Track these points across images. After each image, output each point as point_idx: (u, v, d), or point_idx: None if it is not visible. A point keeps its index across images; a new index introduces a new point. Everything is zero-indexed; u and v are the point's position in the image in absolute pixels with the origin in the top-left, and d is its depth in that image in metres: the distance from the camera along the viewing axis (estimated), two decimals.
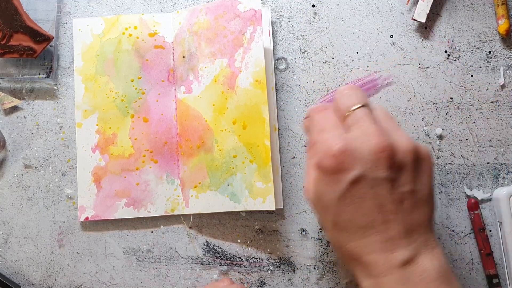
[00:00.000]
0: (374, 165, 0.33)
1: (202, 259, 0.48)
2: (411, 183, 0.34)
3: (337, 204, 0.34)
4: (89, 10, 0.51)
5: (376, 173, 0.33)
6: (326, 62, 0.49)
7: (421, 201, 0.34)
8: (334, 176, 0.33)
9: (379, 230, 0.33)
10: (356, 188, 0.33)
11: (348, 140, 0.34)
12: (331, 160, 0.33)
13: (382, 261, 0.33)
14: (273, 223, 0.48)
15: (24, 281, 0.48)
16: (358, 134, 0.34)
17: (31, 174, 0.49)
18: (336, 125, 0.36)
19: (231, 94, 0.46)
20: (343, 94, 0.37)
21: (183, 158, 0.47)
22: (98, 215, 0.47)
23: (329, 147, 0.34)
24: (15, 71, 0.49)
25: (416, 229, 0.34)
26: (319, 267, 0.47)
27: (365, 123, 0.34)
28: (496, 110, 0.48)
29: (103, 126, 0.48)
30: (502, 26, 0.47)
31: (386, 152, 0.33)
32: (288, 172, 0.48)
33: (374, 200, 0.33)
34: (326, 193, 0.34)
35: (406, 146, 0.34)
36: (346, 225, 0.34)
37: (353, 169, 0.33)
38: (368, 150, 0.33)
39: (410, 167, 0.34)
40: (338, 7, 0.50)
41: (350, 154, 0.33)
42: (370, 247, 0.33)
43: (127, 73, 0.49)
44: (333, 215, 0.34)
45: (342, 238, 0.35)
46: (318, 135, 0.36)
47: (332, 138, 0.34)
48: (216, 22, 0.47)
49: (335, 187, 0.34)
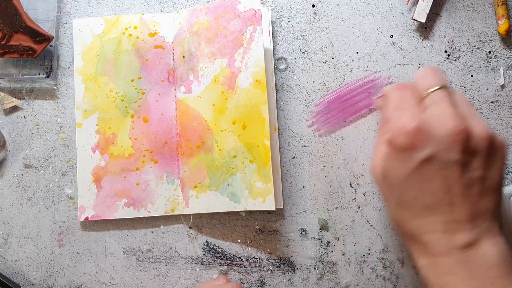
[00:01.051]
0: (448, 147, 0.33)
1: (202, 259, 0.48)
2: (482, 169, 0.34)
3: (405, 181, 0.34)
4: (89, 10, 0.51)
5: (449, 155, 0.33)
6: (326, 62, 0.49)
7: (489, 188, 0.34)
8: (405, 153, 0.34)
9: (444, 211, 0.33)
10: (426, 168, 0.33)
11: (424, 120, 0.34)
12: (404, 137, 0.34)
13: (443, 242, 0.33)
14: (273, 223, 0.48)
15: (24, 281, 0.48)
16: (434, 115, 0.34)
17: (31, 174, 0.49)
18: (413, 104, 0.36)
19: (231, 94, 0.46)
20: (423, 74, 0.37)
21: (183, 158, 0.47)
22: (98, 215, 0.47)
23: (404, 125, 0.34)
24: (15, 71, 0.49)
25: (481, 215, 0.34)
26: (319, 267, 0.47)
27: (443, 105, 0.34)
28: (496, 110, 0.48)
29: (103, 126, 0.48)
30: (502, 26, 0.47)
31: (461, 136, 0.33)
32: (288, 172, 0.48)
33: (443, 181, 0.33)
34: (395, 170, 0.35)
35: (482, 132, 0.34)
36: (411, 203, 0.34)
37: (425, 148, 0.33)
38: (444, 131, 0.33)
39: (483, 153, 0.34)
40: (338, 7, 0.50)
41: (424, 133, 0.33)
42: (432, 227, 0.34)
43: (127, 73, 0.49)
44: (399, 192, 0.35)
45: (405, 215, 0.35)
46: (393, 112, 0.36)
47: (408, 116, 0.34)
48: (216, 22, 0.47)
49: (405, 165, 0.34)
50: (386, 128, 0.36)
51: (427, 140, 0.33)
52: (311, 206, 0.48)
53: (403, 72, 0.48)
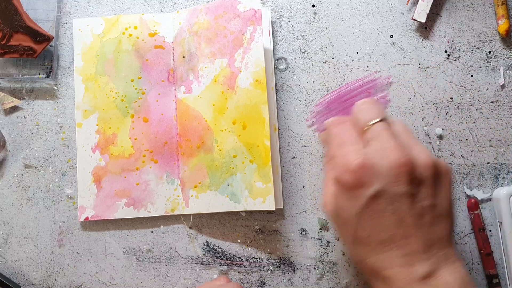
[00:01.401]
0: (394, 180, 0.33)
1: (202, 259, 0.48)
2: (431, 197, 0.34)
3: (357, 219, 0.34)
4: (89, 10, 0.51)
5: (396, 188, 0.33)
6: (326, 62, 0.49)
7: (440, 215, 0.34)
8: (353, 191, 0.34)
9: (399, 244, 0.33)
10: (376, 203, 0.33)
11: (367, 155, 0.34)
12: (350, 175, 0.33)
13: (403, 275, 0.33)
14: (273, 223, 0.48)
15: (24, 281, 0.48)
16: (377, 149, 0.34)
17: (31, 174, 0.49)
18: (354, 139, 0.36)
19: (231, 94, 0.46)
20: (361, 108, 0.37)
21: (183, 158, 0.47)
22: (98, 215, 0.47)
23: (348, 162, 0.34)
24: (15, 71, 0.49)
25: (436, 243, 0.34)
26: (319, 267, 0.47)
27: (384, 138, 0.34)
28: (496, 110, 0.48)
29: (103, 126, 0.48)
30: (502, 26, 0.47)
31: (405, 167, 0.33)
32: (288, 172, 0.48)
33: (394, 215, 0.33)
34: (345, 208, 0.34)
35: (426, 161, 0.34)
36: (366, 240, 0.34)
37: (372, 184, 0.33)
38: (388, 165, 0.33)
39: (429, 181, 0.34)
40: (338, 7, 0.50)
41: (369, 169, 0.33)
42: (390, 262, 0.33)
43: (127, 73, 0.49)
44: (353, 230, 0.34)
45: (362, 252, 0.35)
46: (337, 149, 0.36)
47: (351, 153, 0.34)
48: (216, 22, 0.47)
49: (355, 202, 0.34)
50: (332, 165, 0.36)
51: (373, 175, 0.33)
52: (311, 206, 0.48)
53: (403, 72, 0.48)
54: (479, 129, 0.48)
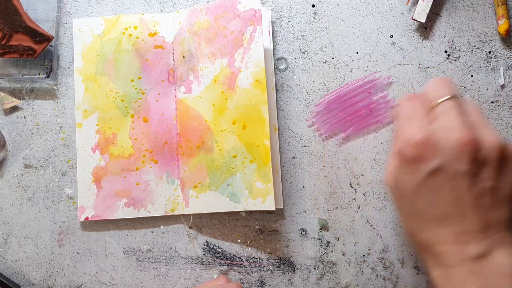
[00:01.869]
0: (455, 158, 0.33)
1: (202, 259, 0.48)
2: (493, 179, 0.33)
3: (414, 192, 0.34)
4: (89, 10, 0.51)
5: (457, 166, 0.33)
6: (326, 62, 0.49)
7: (501, 199, 0.34)
8: (413, 165, 0.34)
9: (455, 222, 0.33)
10: (434, 179, 0.33)
11: (431, 131, 0.34)
12: (411, 149, 0.34)
13: (454, 252, 0.33)
14: (273, 223, 0.48)
15: (24, 281, 0.48)
16: (442, 126, 0.34)
17: (31, 174, 0.49)
18: (422, 115, 0.36)
19: (231, 94, 0.46)
20: (433, 85, 0.37)
21: (183, 158, 0.47)
22: (98, 215, 0.47)
23: (411, 136, 0.34)
24: (15, 71, 0.49)
25: (493, 225, 0.33)
26: (319, 267, 0.47)
27: (452, 115, 0.34)
28: (496, 110, 0.48)
29: (103, 126, 0.48)
30: (502, 26, 0.47)
31: (469, 146, 0.33)
32: (288, 172, 0.48)
33: (452, 193, 0.33)
34: (404, 181, 0.35)
35: (492, 143, 0.34)
36: (421, 214, 0.34)
37: (433, 159, 0.33)
38: (451, 142, 0.33)
39: (494, 164, 0.33)
40: (338, 7, 0.50)
41: (431, 145, 0.33)
42: (443, 238, 0.33)
43: (127, 73, 0.49)
44: (409, 203, 0.35)
45: (416, 226, 0.35)
46: (403, 123, 0.36)
47: (416, 127, 0.34)
48: (216, 22, 0.47)
49: (413, 176, 0.34)
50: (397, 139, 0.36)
51: (434, 151, 0.33)
52: (311, 206, 0.48)
53: (403, 72, 0.48)
54: None
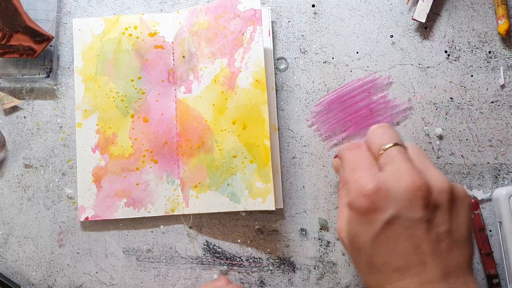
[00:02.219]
0: (409, 204, 0.32)
1: (202, 259, 0.48)
2: (447, 223, 0.33)
3: (371, 245, 0.33)
4: (89, 10, 0.51)
5: (411, 213, 0.32)
6: (326, 62, 0.49)
7: (458, 242, 0.33)
8: (367, 216, 0.33)
9: (416, 272, 0.32)
10: (391, 229, 0.32)
11: (381, 180, 0.33)
12: (364, 200, 0.33)
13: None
14: (273, 223, 0.48)
15: (24, 281, 0.48)
16: (391, 173, 0.33)
17: (31, 174, 0.49)
18: (369, 163, 0.35)
19: (231, 94, 0.46)
20: (375, 132, 0.36)
21: (183, 158, 0.47)
22: (98, 215, 0.47)
23: (362, 187, 0.33)
24: (15, 71, 0.49)
25: (454, 271, 0.32)
26: (319, 267, 0.47)
27: (399, 162, 0.34)
28: (496, 110, 0.48)
29: (103, 126, 0.48)
30: (502, 26, 0.47)
31: (421, 191, 0.32)
32: (288, 172, 0.48)
33: (410, 241, 0.32)
34: (360, 234, 0.34)
35: (442, 185, 0.33)
36: (381, 267, 0.33)
37: (387, 209, 0.32)
38: (403, 189, 0.32)
39: (445, 206, 0.33)
40: (338, 7, 0.50)
41: (384, 194, 0.32)
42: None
43: (127, 73, 0.49)
44: (368, 257, 0.34)
45: (378, 281, 0.34)
46: (350, 174, 0.35)
47: (365, 177, 0.33)
48: (216, 22, 0.47)
49: (369, 228, 0.33)
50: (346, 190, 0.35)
51: (388, 200, 0.32)
52: (311, 206, 0.48)
53: (403, 72, 0.48)
54: (479, 129, 0.48)
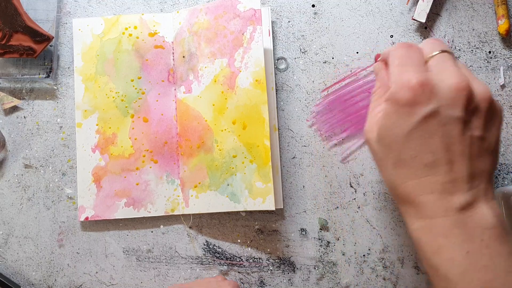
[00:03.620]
0: (451, 102, 0.33)
1: (202, 259, 0.48)
2: (482, 129, 0.34)
3: (405, 138, 0.34)
4: (89, 10, 0.51)
5: (452, 111, 0.33)
6: (326, 62, 0.49)
7: (488, 149, 0.34)
8: (408, 108, 0.33)
9: (443, 169, 0.33)
10: (429, 123, 0.33)
11: (428, 75, 0.34)
12: (408, 91, 0.33)
13: (440, 202, 0.33)
14: (273, 223, 0.48)
15: (24, 281, 0.48)
16: (439, 72, 0.34)
17: (31, 174, 0.49)
18: (418, 62, 0.35)
19: (231, 94, 0.46)
20: (427, 41, 0.37)
21: (183, 158, 0.47)
22: (98, 215, 0.47)
23: (408, 79, 0.33)
24: (15, 71, 0.49)
25: (479, 176, 0.34)
26: (319, 267, 0.47)
27: (447, 64, 0.34)
28: None
29: (103, 126, 0.48)
30: (502, 26, 0.47)
31: (464, 92, 0.33)
32: (288, 172, 0.48)
33: (444, 138, 0.33)
34: (396, 126, 0.34)
35: (484, 93, 0.34)
36: (410, 161, 0.34)
37: (429, 103, 0.33)
38: (448, 87, 0.33)
39: (484, 113, 0.34)
40: (338, 7, 0.50)
41: (428, 88, 0.33)
42: (430, 187, 0.33)
43: (127, 73, 0.49)
44: (398, 150, 0.34)
45: (403, 175, 0.34)
46: (398, 68, 0.35)
47: (412, 72, 0.34)
48: (216, 22, 0.47)
49: (407, 120, 0.33)
50: (385, 89, 0.36)
51: (431, 95, 0.33)
52: (311, 206, 0.48)
53: None
54: None
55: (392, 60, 0.37)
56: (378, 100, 0.37)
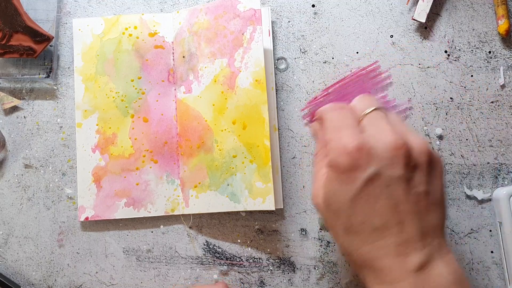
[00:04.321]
0: (390, 162, 0.33)
1: (202, 259, 0.48)
2: (425, 184, 0.34)
3: (351, 204, 0.33)
4: (89, 10, 0.51)
5: (392, 171, 0.33)
6: (326, 62, 0.49)
7: (434, 203, 0.34)
8: (348, 174, 0.33)
9: (394, 231, 0.33)
10: (371, 187, 0.33)
11: (364, 139, 0.33)
12: (346, 157, 0.33)
13: (397, 266, 0.32)
14: (273, 223, 0.48)
15: (24, 281, 0.48)
16: (373, 133, 0.34)
17: (31, 174, 0.49)
18: (352, 124, 0.35)
19: (231, 94, 0.46)
20: (358, 100, 0.37)
21: (183, 158, 0.47)
22: (98, 215, 0.47)
23: (345, 145, 0.33)
24: (15, 71, 0.49)
25: (430, 232, 0.33)
26: (319, 267, 0.47)
27: (380, 124, 0.34)
28: (496, 110, 0.48)
29: (103, 126, 0.48)
30: (502, 26, 0.47)
31: (402, 150, 0.33)
32: (288, 172, 0.48)
33: (389, 200, 0.33)
34: (339, 193, 0.34)
35: (421, 146, 0.34)
36: (359, 227, 0.33)
37: (368, 166, 0.32)
38: (385, 147, 0.33)
39: (424, 167, 0.34)
40: (338, 7, 0.50)
41: (366, 152, 0.33)
42: (384, 251, 0.33)
43: (127, 73, 0.49)
44: (346, 217, 0.34)
45: (355, 242, 0.34)
46: (333, 133, 0.35)
47: (348, 136, 0.34)
48: (216, 22, 0.47)
49: (350, 186, 0.33)
50: (327, 150, 0.35)
51: (370, 158, 0.33)
52: (311, 206, 0.48)
53: (403, 72, 0.48)
54: (479, 129, 0.48)
55: (326, 124, 0.36)
56: (320, 164, 0.36)
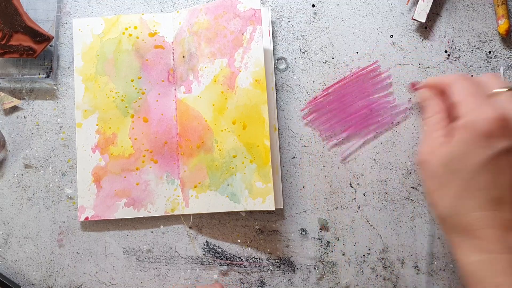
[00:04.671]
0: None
1: (202, 259, 0.48)
2: None
3: (477, 169, 0.33)
4: (89, 10, 0.51)
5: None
6: (326, 62, 0.49)
7: None
8: (485, 139, 0.33)
9: (507, 207, 0.33)
10: (503, 159, 0.33)
11: (505, 110, 0.33)
12: (487, 123, 0.33)
13: (502, 239, 0.32)
14: (273, 223, 0.48)
15: (24, 281, 0.48)
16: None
17: (31, 174, 0.49)
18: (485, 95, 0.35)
19: (230, 94, 0.46)
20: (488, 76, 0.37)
21: (183, 158, 0.47)
22: (98, 215, 0.47)
23: (486, 111, 0.33)
24: (15, 71, 0.49)
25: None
26: (319, 267, 0.47)
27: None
28: None
29: (103, 126, 0.48)
30: (502, 26, 0.47)
31: None
32: (288, 172, 0.48)
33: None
34: (468, 155, 0.33)
35: None
36: (476, 193, 0.33)
37: (505, 139, 0.33)
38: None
39: None
40: (338, 7, 0.50)
41: (505, 124, 0.33)
42: (496, 222, 0.32)
43: (127, 73, 0.49)
44: (465, 179, 0.33)
45: (467, 206, 0.33)
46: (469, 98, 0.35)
47: (488, 104, 0.34)
48: (216, 22, 0.47)
49: (482, 150, 0.33)
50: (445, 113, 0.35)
51: (507, 131, 0.33)
52: (311, 206, 0.48)
53: (403, 72, 0.48)
54: None
55: (459, 90, 0.36)
56: (436, 125, 0.37)
